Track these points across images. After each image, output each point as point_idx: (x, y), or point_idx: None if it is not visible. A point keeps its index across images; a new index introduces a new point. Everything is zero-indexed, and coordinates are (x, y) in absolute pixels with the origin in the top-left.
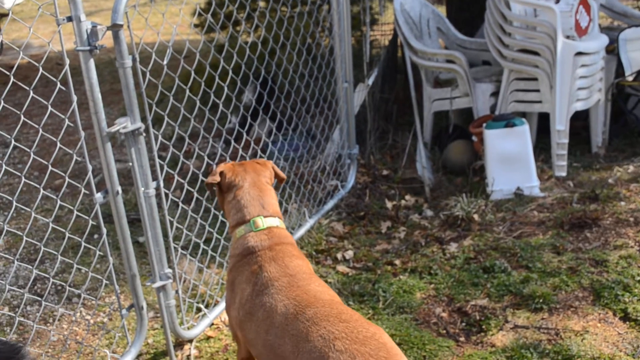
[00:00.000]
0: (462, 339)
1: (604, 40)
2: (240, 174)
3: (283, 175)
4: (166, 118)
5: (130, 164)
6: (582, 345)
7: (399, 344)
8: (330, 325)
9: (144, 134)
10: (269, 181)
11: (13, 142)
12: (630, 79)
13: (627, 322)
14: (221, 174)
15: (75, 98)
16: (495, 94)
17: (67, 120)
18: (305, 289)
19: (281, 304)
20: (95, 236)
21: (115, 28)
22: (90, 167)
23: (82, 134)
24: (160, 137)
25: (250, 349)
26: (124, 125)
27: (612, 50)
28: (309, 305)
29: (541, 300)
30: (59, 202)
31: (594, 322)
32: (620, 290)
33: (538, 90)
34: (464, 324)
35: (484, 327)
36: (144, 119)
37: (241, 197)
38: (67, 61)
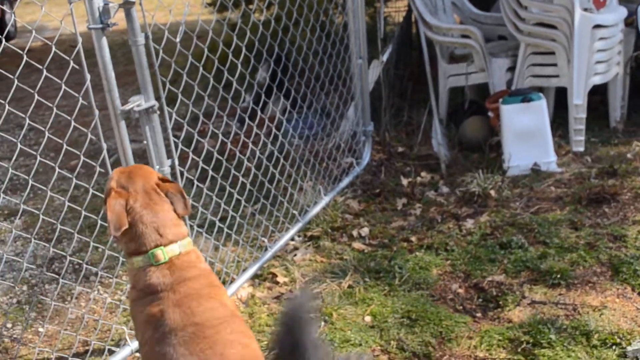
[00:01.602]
0: (478, 314)
1: (623, 12)
2: (131, 195)
3: (176, 186)
4: (180, 96)
5: (145, 142)
6: (600, 321)
7: (415, 320)
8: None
9: (158, 112)
10: (159, 193)
11: (28, 121)
12: None
13: None
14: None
15: (88, 77)
16: (511, 69)
17: (81, 99)
18: (212, 340)
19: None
20: None
21: (127, 5)
22: (105, 147)
23: (97, 113)
24: (174, 116)
25: None
26: (138, 103)
27: (631, 22)
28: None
29: (559, 276)
30: (74, 181)
31: (612, 297)
32: (638, 265)
33: (555, 65)
34: (480, 299)
35: (500, 302)
36: (158, 98)
37: (135, 224)
38: (80, 40)
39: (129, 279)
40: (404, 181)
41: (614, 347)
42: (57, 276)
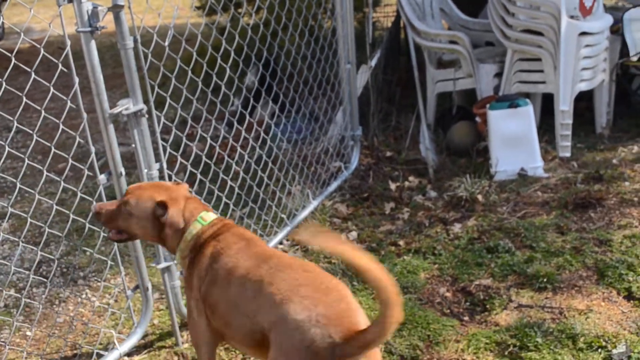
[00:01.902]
0: (466, 318)
1: (609, 20)
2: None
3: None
4: (168, 100)
5: (133, 145)
6: (585, 324)
7: (403, 324)
8: (294, 272)
9: (147, 116)
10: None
11: (16, 124)
12: (634, 59)
13: (631, 301)
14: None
15: (77, 80)
16: (498, 74)
17: (69, 102)
18: (264, 247)
19: (242, 259)
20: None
21: (116, 9)
22: (93, 150)
23: (85, 115)
24: (162, 119)
25: (214, 319)
26: (126, 106)
27: (616, 30)
28: (270, 256)
29: (545, 280)
30: (62, 184)
31: (598, 301)
32: (624, 269)
33: (542, 71)
34: (468, 303)
35: (487, 306)
36: (146, 102)
37: (172, 215)
38: (69, 42)
39: (180, 258)
40: (392, 185)
41: (599, 350)
42: (45, 280)
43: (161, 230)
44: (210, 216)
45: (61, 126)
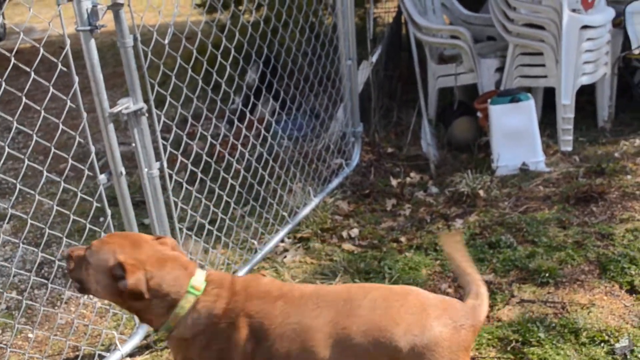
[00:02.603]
0: None
1: (610, 13)
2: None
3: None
4: (169, 98)
5: (134, 145)
6: (588, 319)
7: None
8: (404, 301)
9: (147, 115)
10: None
11: (15, 124)
12: (636, 52)
13: (634, 295)
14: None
15: (76, 79)
16: (500, 69)
17: (69, 102)
18: (311, 292)
19: (308, 318)
20: (101, 219)
21: (115, 7)
22: (93, 149)
23: (85, 115)
24: (163, 118)
25: None
26: (126, 105)
27: (618, 23)
28: (352, 298)
29: (547, 275)
30: (62, 184)
31: (600, 295)
32: (626, 263)
33: (543, 65)
34: None
35: (490, 302)
36: (146, 101)
37: (157, 285)
38: (68, 42)
39: (173, 347)
40: (394, 182)
41: (602, 344)
42: (46, 281)
43: (126, 299)
44: (200, 281)
45: (61, 126)
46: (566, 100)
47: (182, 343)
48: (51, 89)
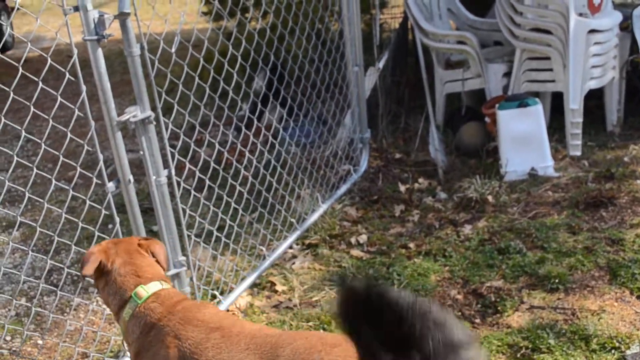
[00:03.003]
0: (477, 320)
1: (618, 17)
2: (111, 256)
3: (157, 248)
4: (176, 106)
5: (142, 152)
6: (598, 325)
7: None
8: (327, 354)
9: (154, 123)
10: (143, 252)
11: (24, 134)
12: None
13: None
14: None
15: (84, 88)
16: (507, 74)
17: (77, 111)
18: (249, 331)
19: (237, 356)
20: (110, 226)
21: (122, 17)
22: (101, 157)
23: (92, 124)
24: (170, 126)
25: None
26: (133, 114)
27: (626, 27)
28: (278, 345)
29: (557, 281)
30: (71, 192)
31: (611, 301)
32: (637, 269)
33: (551, 70)
34: (479, 305)
35: (499, 308)
36: (154, 109)
37: (114, 279)
38: (75, 51)
39: (125, 338)
40: (402, 187)
41: (612, 351)
42: (55, 288)
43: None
44: (146, 291)
45: (69, 134)
46: (574, 105)
47: (130, 346)
48: (59, 98)
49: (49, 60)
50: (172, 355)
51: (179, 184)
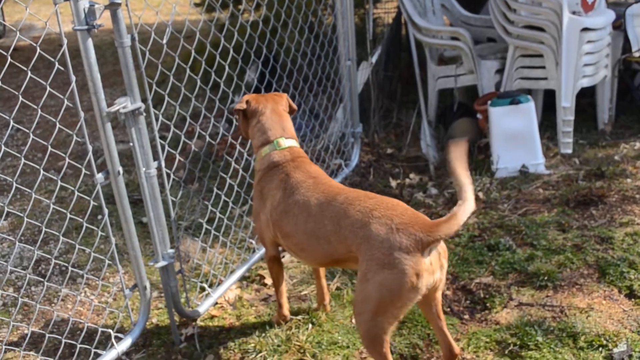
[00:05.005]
0: (466, 316)
1: (611, 15)
2: (262, 102)
3: (294, 106)
4: (167, 98)
5: (131, 144)
6: (586, 323)
7: (403, 322)
8: (363, 202)
9: (144, 114)
10: (285, 109)
11: (12, 122)
12: (637, 54)
13: (633, 299)
14: (247, 102)
15: (74, 78)
16: (500, 71)
17: (66, 100)
18: (329, 184)
19: (313, 197)
20: (99, 217)
21: (113, 7)
22: (90, 148)
23: (82, 114)
24: (161, 117)
25: (286, 242)
26: (123, 105)
27: (619, 26)
28: (338, 193)
29: (546, 278)
30: (59, 182)
31: (599, 299)
32: (625, 267)
33: (544, 67)
34: (468, 301)
35: (488, 304)
36: (144, 100)
37: (265, 122)
38: (65, 41)
39: (255, 168)
40: (393, 183)
41: (600, 349)
42: (42, 279)
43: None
44: (285, 143)
45: (57, 124)
46: (566, 103)
47: (256, 173)
48: (48, 88)
49: (38, 49)
50: (280, 184)
51: (168, 175)
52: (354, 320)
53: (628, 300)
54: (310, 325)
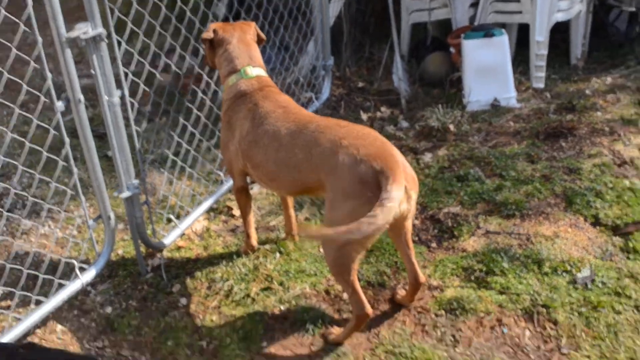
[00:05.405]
0: (433, 245)
1: None
2: (229, 31)
3: (263, 36)
4: (129, 24)
5: (93, 72)
6: (552, 250)
7: (370, 251)
8: (334, 131)
9: (106, 41)
10: (253, 38)
11: None
12: None
13: (598, 227)
14: (214, 31)
15: (30, 2)
16: (474, 4)
17: (22, 25)
18: (300, 113)
19: (283, 127)
20: (63, 151)
21: None
22: (49, 75)
23: (40, 40)
24: (124, 45)
25: (256, 172)
26: (84, 30)
27: None
28: (309, 122)
29: (514, 207)
30: (17, 110)
31: (565, 227)
32: (592, 196)
33: (518, 1)
34: (436, 230)
35: (455, 233)
36: (108, 32)
37: (232, 50)
38: None
39: (223, 98)
40: (364, 116)
41: (564, 274)
42: (2, 209)
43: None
44: (252, 72)
45: (14, 50)
46: (540, 37)
47: (224, 103)
48: (2, 10)
49: None
50: (248, 114)
51: (132, 105)
52: (321, 249)
53: (593, 228)
54: (277, 255)
